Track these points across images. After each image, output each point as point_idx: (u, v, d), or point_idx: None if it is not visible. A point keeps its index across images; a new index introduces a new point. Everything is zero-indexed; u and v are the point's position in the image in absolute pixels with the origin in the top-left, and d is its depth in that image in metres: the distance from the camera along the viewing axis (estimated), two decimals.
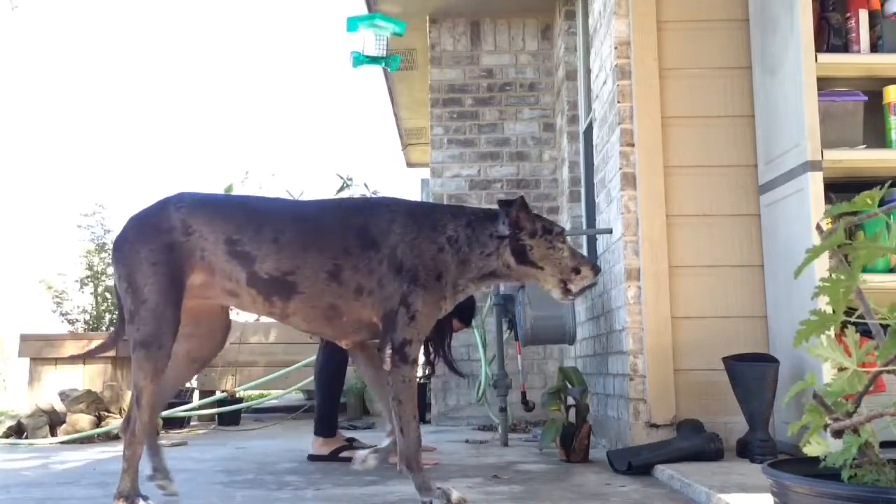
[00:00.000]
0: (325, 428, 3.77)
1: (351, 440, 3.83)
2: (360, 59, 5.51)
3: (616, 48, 3.59)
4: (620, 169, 3.56)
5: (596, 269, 2.59)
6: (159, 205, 2.58)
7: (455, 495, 2.42)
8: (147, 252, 2.46)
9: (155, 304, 2.42)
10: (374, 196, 3.72)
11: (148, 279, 2.43)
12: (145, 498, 2.41)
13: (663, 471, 2.87)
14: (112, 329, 7.49)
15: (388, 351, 2.47)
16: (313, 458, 3.73)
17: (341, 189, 9.40)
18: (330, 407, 3.84)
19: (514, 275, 2.59)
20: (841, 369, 1.43)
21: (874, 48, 3.15)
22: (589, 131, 5.10)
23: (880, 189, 1.44)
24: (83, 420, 4.92)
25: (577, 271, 2.56)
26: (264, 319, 5.72)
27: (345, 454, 3.69)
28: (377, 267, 2.49)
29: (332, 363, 3.84)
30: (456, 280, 2.54)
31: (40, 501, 2.73)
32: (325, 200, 2.82)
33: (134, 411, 2.43)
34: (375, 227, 2.53)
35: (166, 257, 2.45)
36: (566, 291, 2.58)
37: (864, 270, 1.42)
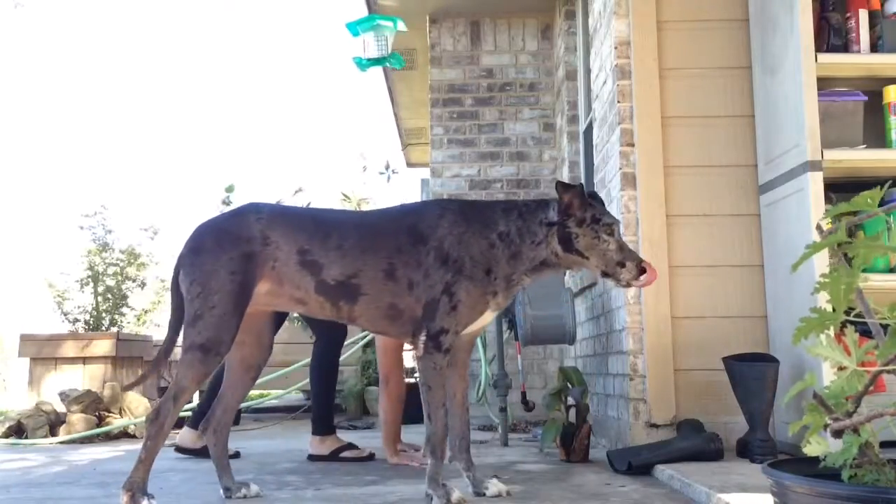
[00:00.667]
0: (323, 426, 3.77)
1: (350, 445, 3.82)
2: (364, 63, 5.53)
3: (616, 48, 3.59)
4: (620, 169, 3.56)
5: (641, 268, 2.54)
6: (237, 214, 2.65)
7: (455, 495, 2.44)
8: (226, 260, 2.50)
9: (223, 311, 2.46)
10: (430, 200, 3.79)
11: (223, 287, 2.47)
12: (150, 497, 2.41)
13: (663, 471, 2.87)
14: (114, 329, 7.49)
15: (423, 337, 2.49)
16: (313, 458, 3.73)
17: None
18: (325, 405, 3.83)
19: (563, 263, 2.60)
20: (840, 369, 1.43)
21: (874, 48, 3.15)
22: (589, 131, 5.10)
23: (880, 189, 1.44)
24: (83, 420, 4.93)
25: (622, 265, 2.54)
26: None
27: (345, 454, 3.69)
28: (424, 259, 2.52)
29: (325, 361, 3.84)
30: (509, 275, 2.57)
31: (40, 501, 2.74)
32: (385, 208, 2.92)
33: (168, 406, 2.46)
34: (424, 223, 2.58)
35: (243, 267, 2.50)
36: (617, 281, 2.57)
37: (864, 270, 1.42)
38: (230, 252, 2.51)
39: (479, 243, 2.54)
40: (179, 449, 3.82)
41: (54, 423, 5.02)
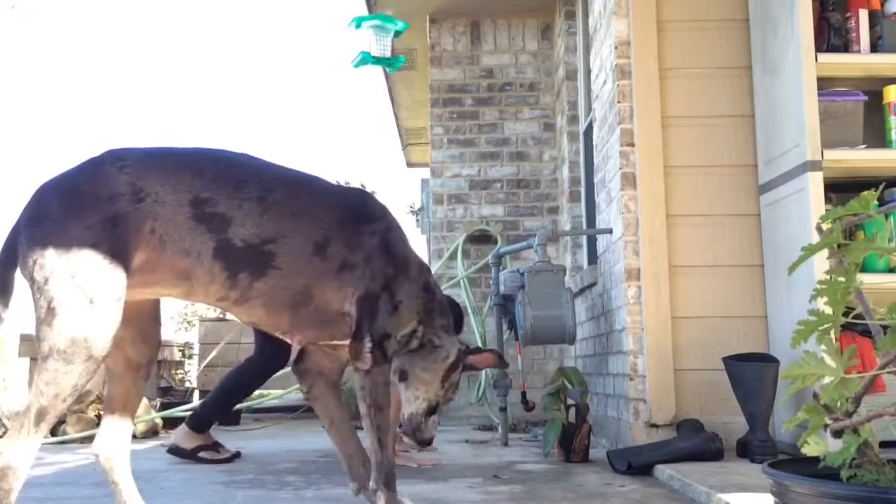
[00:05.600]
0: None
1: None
2: (367, 60, 5.56)
3: (616, 48, 3.59)
4: (620, 169, 3.56)
5: None
6: (92, 165, 1.96)
7: None
8: (80, 230, 1.84)
9: (89, 300, 1.81)
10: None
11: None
12: None
13: (663, 471, 2.87)
14: None
15: (368, 344, 2.09)
16: (174, 451, 3.65)
17: None
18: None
19: None
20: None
21: (874, 48, 3.14)
22: (589, 131, 5.10)
23: (875, 190, 1.44)
24: (83, 420, 4.93)
25: None
26: None
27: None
28: (367, 240, 2.15)
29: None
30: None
31: (40, 501, 2.73)
32: (316, 176, 2.31)
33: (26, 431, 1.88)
34: (371, 205, 2.27)
35: (108, 235, 1.85)
36: None
37: (864, 270, 1.42)
38: (86, 219, 1.85)
39: (415, 256, 2.34)
40: (173, 450, 3.67)
41: (54, 423, 5.02)
